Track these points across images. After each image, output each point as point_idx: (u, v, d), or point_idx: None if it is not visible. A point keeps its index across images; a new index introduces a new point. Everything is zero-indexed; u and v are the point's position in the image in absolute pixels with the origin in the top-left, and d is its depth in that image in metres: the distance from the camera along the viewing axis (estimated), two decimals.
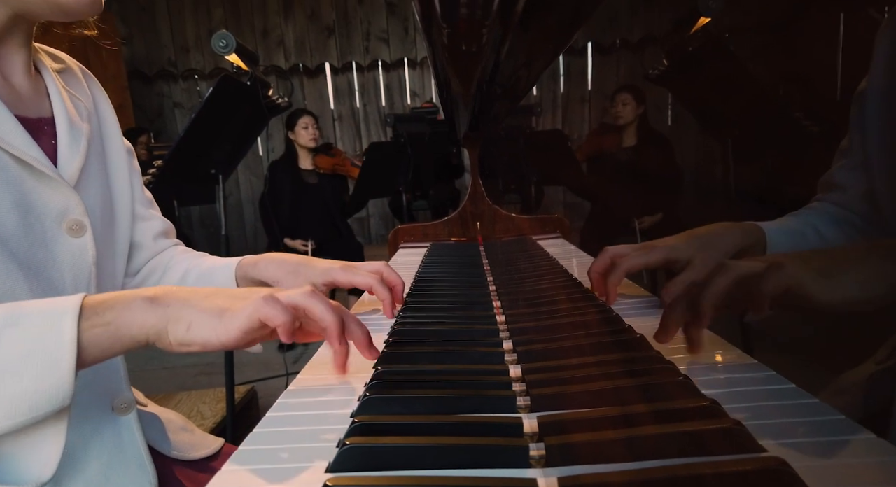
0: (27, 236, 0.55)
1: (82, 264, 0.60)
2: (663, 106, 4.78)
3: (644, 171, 2.80)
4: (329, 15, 4.92)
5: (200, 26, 4.86)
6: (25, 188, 0.55)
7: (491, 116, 1.27)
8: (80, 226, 0.60)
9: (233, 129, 1.79)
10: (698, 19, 1.74)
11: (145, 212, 0.77)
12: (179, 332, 0.44)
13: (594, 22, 4.55)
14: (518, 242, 1.33)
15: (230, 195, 4.96)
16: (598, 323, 0.60)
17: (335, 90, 5.06)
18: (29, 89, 0.61)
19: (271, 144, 4.64)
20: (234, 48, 1.58)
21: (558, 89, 5.02)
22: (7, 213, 0.53)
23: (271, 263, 0.72)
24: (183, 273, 0.76)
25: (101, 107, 0.71)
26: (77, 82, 0.69)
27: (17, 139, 0.55)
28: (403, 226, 1.46)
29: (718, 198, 3.87)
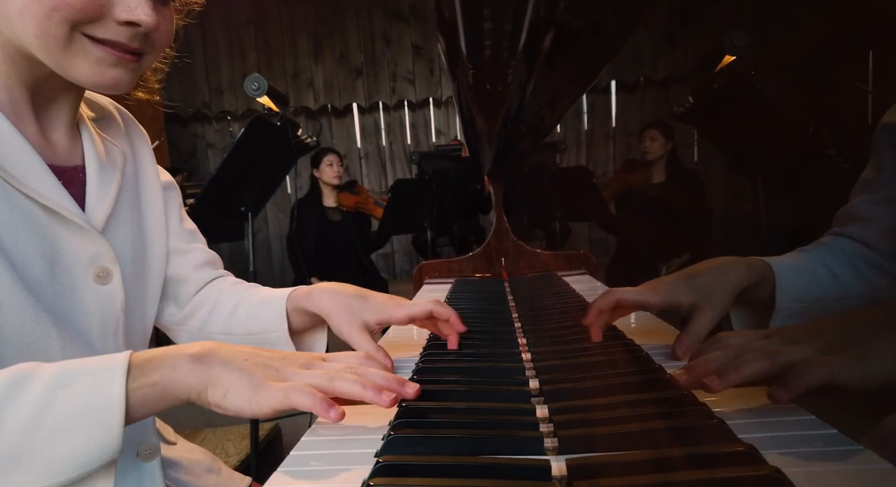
0: (53, 285, 0.56)
1: (110, 311, 0.61)
2: (689, 142, 4.76)
3: (673, 208, 2.77)
4: (357, 57, 5.07)
5: (234, 70, 5.05)
6: (54, 237, 0.56)
7: (515, 153, 1.28)
8: (106, 274, 0.60)
9: (263, 168, 1.83)
10: (723, 57, 1.75)
11: (184, 246, 0.76)
12: (217, 397, 0.45)
13: (618, 60, 4.60)
14: (543, 278, 1.32)
15: (259, 232, 5.06)
16: (627, 362, 0.59)
17: (362, 129, 5.17)
18: (66, 140, 0.62)
19: (299, 182, 4.74)
20: (266, 90, 1.63)
21: (582, 126, 5.06)
22: (35, 263, 0.54)
23: (325, 295, 0.70)
24: (233, 306, 0.75)
25: (139, 148, 0.73)
26: (115, 127, 0.70)
27: (48, 189, 0.55)
28: (428, 262, 1.46)
29: (749, 236, 3.80)
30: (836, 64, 3.68)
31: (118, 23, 0.52)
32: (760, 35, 2.69)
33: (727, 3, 4.14)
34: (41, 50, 0.52)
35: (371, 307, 0.69)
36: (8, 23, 0.51)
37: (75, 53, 0.52)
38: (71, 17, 0.50)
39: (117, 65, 0.54)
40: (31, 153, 0.55)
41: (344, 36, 5.05)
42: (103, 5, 0.51)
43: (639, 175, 3.01)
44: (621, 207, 3.13)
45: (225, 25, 5.02)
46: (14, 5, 0.49)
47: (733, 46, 1.65)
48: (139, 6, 0.52)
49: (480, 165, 1.39)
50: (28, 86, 0.57)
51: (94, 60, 0.53)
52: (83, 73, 0.54)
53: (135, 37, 0.54)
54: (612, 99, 4.99)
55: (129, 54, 0.55)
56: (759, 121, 1.98)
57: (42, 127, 0.60)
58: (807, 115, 3.73)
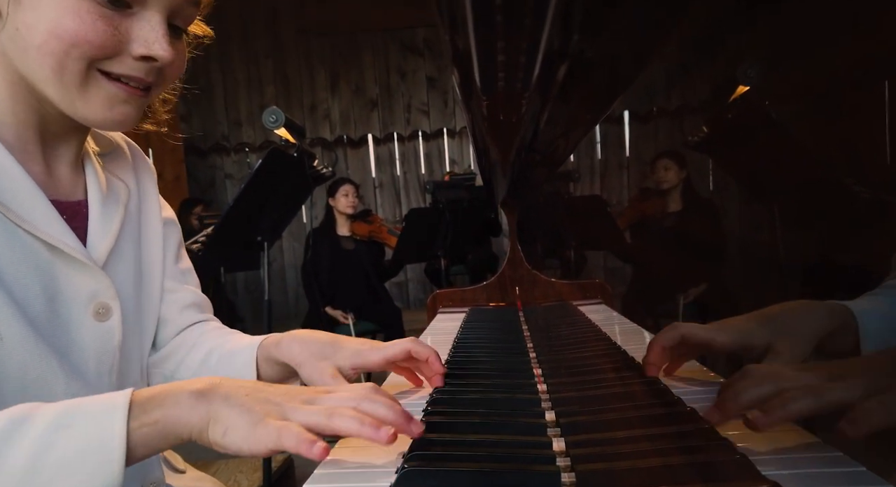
0: (53, 321, 0.55)
1: (107, 348, 0.60)
2: (704, 171, 4.75)
3: (689, 236, 2.75)
4: (373, 89, 5.17)
5: (253, 102, 5.17)
6: (55, 272, 0.56)
7: (529, 183, 1.28)
8: (106, 310, 0.60)
9: (279, 198, 1.86)
10: (737, 87, 1.76)
11: (174, 285, 0.74)
12: (216, 435, 0.44)
13: (630, 90, 4.64)
14: (558, 308, 1.31)
15: (274, 261, 5.10)
16: (645, 394, 0.57)
17: (377, 159, 5.24)
18: (70, 175, 0.62)
19: (315, 212, 4.79)
20: (283, 122, 1.67)
21: (596, 156, 5.08)
22: (36, 299, 0.54)
23: (294, 343, 0.67)
24: (206, 353, 0.72)
25: (144, 183, 0.72)
26: (122, 160, 0.70)
27: (50, 225, 0.55)
28: (442, 291, 1.46)
29: (766, 266, 3.75)
30: (852, 93, 3.67)
31: (134, 58, 0.53)
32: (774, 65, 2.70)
33: (739, 34, 4.18)
34: (56, 87, 0.52)
35: (344, 351, 0.65)
36: (25, 59, 0.51)
37: (90, 90, 0.53)
38: (90, 54, 0.51)
39: (127, 101, 0.55)
40: (35, 190, 0.55)
41: (360, 69, 5.17)
42: (121, 41, 0.52)
43: (654, 203, 3.00)
44: (637, 236, 3.12)
45: (244, 60, 5.16)
46: (33, 40, 0.50)
47: (746, 76, 1.66)
48: (156, 41, 0.53)
49: (494, 194, 1.39)
50: (36, 125, 0.57)
51: (107, 97, 0.54)
52: (93, 111, 0.54)
53: (150, 71, 0.55)
54: (626, 128, 5.02)
55: (139, 90, 0.55)
56: (775, 150, 1.97)
57: (47, 163, 0.60)
58: (823, 144, 3.71)
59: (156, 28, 0.53)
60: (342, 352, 0.65)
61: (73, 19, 0.49)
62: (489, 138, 0.75)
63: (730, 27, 3.82)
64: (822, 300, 0.64)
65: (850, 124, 3.63)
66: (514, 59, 0.41)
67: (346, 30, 5.04)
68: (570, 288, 1.43)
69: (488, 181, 1.38)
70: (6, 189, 0.53)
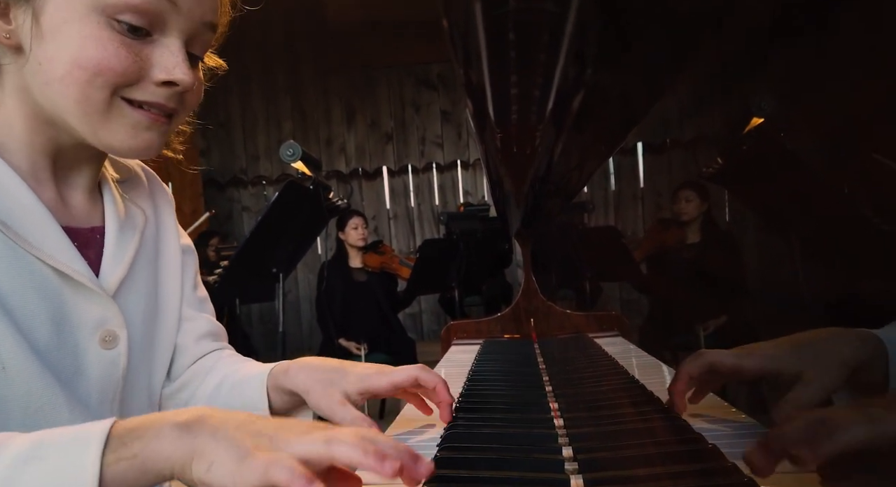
0: (59, 348, 0.55)
1: (111, 377, 0.59)
2: (720, 203, 4.71)
3: (709, 269, 2.71)
4: (388, 123, 5.26)
5: (271, 137, 5.28)
6: (63, 299, 0.56)
7: (543, 213, 1.28)
8: (113, 338, 0.59)
9: (295, 230, 1.88)
10: (751, 119, 1.76)
11: (192, 314, 0.74)
12: (200, 471, 0.40)
13: (644, 122, 4.66)
14: (574, 340, 1.29)
15: (289, 292, 5.11)
16: (665, 430, 0.56)
17: (391, 191, 5.29)
18: (85, 202, 0.62)
19: (329, 243, 4.82)
20: (300, 156, 1.70)
21: (609, 187, 5.08)
22: (42, 326, 0.54)
23: (301, 371, 0.66)
24: (219, 382, 0.71)
25: (162, 210, 0.72)
26: (140, 188, 0.70)
27: (60, 252, 0.55)
28: (456, 323, 1.45)
29: (788, 299, 3.68)
30: (870, 125, 3.64)
31: (156, 84, 0.54)
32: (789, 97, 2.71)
33: (752, 66, 4.19)
34: (79, 116, 0.53)
35: (351, 377, 0.64)
36: (46, 90, 0.52)
37: (113, 118, 0.54)
38: (113, 81, 0.52)
39: (151, 128, 0.56)
40: (47, 216, 0.55)
41: (376, 104, 5.27)
42: (143, 68, 0.53)
43: (673, 234, 2.97)
44: (654, 267, 3.08)
45: (263, 96, 5.29)
46: (56, 72, 0.51)
47: (761, 109, 1.66)
48: (176, 66, 0.54)
49: (508, 225, 1.40)
50: (50, 153, 0.58)
51: (130, 124, 0.54)
52: (118, 139, 0.55)
53: (172, 97, 0.55)
54: (639, 160, 5.03)
55: (162, 116, 0.56)
56: (793, 182, 1.95)
57: (61, 190, 0.60)
58: (843, 177, 3.67)
59: (175, 53, 0.54)
60: (349, 378, 0.64)
61: (95, 48, 0.50)
62: (503, 170, 0.75)
63: (742, 59, 3.85)
64: None
65: (870, 156, 3.59)
66: (527, 92, 0.41)
67: (362, 66, 5.17)
68: (585, 320, 1.41)
69: (502, 212, 1.38)
70: (17, 215, 0.53)
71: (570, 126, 0.49)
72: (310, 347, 4.78)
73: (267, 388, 0.68)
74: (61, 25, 0.50)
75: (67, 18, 0.50)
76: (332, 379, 0.64)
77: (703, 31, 0.35)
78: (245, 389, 0.69)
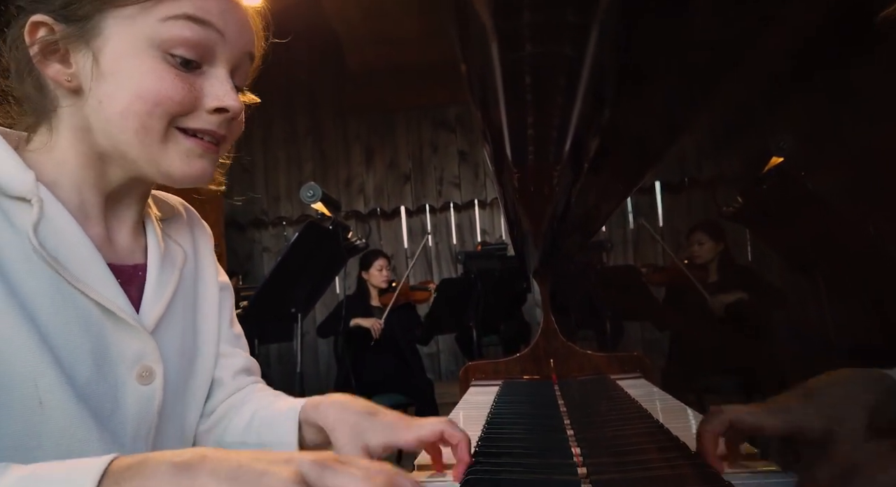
0: (98, 383, 0.55)
1: (146, 413, 0.59)
2: (741, 242, 4.65)
3: (728, 310, 2.65)
4: (406, 164, 5.34)
5: (292, 178, 5.38)
6: (104, 334, 0.57)
7: (561, 252, 1.28)
8: (149, 374, 0.60)
9: (314, 270, 1.89)
10: (770, 159, 1.75)
11: (228, 350, 0.75)
12: None
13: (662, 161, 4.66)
14: (596, 382, 1.27)
15: (306, 332, 5.10)
16: (693, 478, 0.54)
17: (409, 230, 5.33)
18: (129, 239, 0.64)
19: (348, 283, 4.84)
20: (320, 197, 1.72)
21: (628, 226, 5.05)
22: (83, 361, 0.54)
23: (332, 407, 0.66)
24: (251, 416, 0.71)
25: (201, 247, 0.74)
26: (181, 225, 0.72)
27: (104, 287, 0.57)
28: (474, 363, 1.43)
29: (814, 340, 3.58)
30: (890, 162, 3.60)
31: (208, 112, 0.57)
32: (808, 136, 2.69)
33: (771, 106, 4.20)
34: (138, 147, 0.56)
35: (378, 427, 0.63)
36: (106, 126, 0.55)
37: (169, 147, 0.57)
38: (171, 111, 0.55)
39: (203, 155, 0.58)
40: (93, 251, 0.57)
41: (394, 145, 5.36)
42: (196, 98, 0.56)
43: (693, 274, 2.92)
44: (673, 308, 3.03)
45: (285, 139, 5.42)
46: (117, 107, 0.54)
47: (779, 148, 1.66)
48: (226, 94, 0.57)
49: (526, 264, 1.39)
50: (100, 191, 0.60)
51: (185, 152, 0.57)
52: (174, 167, 0.57)
53: (222, 123, 0.59)
54: (658, 199, 5.01)
55: (213, 144, 0.59)
56: (815, 221, 1.92)
57: (108, 227, 0.62)
58: (866, 215, 3.60)
59: (224, 82, 0.58)
60: (375, 428, 0.63)
61: (153, 80, 0.54)
62: (521, 209, 0.75)
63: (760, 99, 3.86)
64: None
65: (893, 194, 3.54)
66: (544, 133, 0.42)
67: (380, 109, 5.29)
68: (607, 361, 1.38)
69: (520, 251, 1.38)
70: (65, 250, 0.55)
71: (588, 166, 0.50)
72: (327, 387, 4.73)
73: (299, 423, 0.69)
74: (120, 63, 0.54)
75: (125, 56, 0.54)
76: (360, 424, 0.63)
77: (720, 71, 0.35)
78: (276, 424, 0.69)
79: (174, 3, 0.54)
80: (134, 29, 0.54)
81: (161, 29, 0.54)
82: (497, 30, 0.28)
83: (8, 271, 0.51)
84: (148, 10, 0.54)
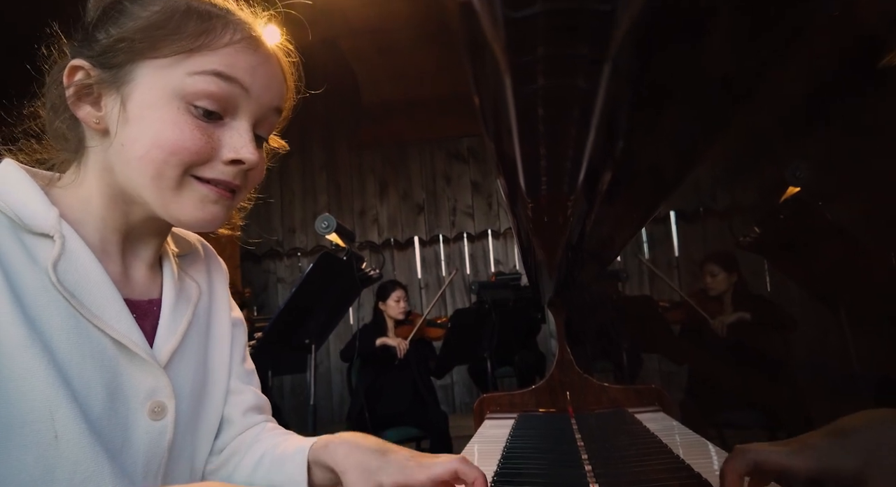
0: (110, 417, 0.56)
1: (157, 448, 0.59)
2: (760, 272, 4.57)
3: (746, 343, 2.60)
4: (419, 195, 5.39)
5: (307, 210, 5.45)
6: (118, 369, 0.57)
7: (576, 283, 1.27)
8: (161, 409, 0.60)
9: (328, 300, 1.89)
10: (787, 188, 1.74)
11: (240, 386, 0.74)
12: None
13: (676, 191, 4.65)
14: (614, 416, 1.24)
15: (320, 364, 5.08)
16: None
17: (422, 260, 5.33)
18: (146, 275, 0.65)
19: (361, 314, 4.83)
20: (335, 228, 1.74)
21: (643, 256, 5.02)
22: (96, 395, 0.55)
23: (340, 447, 0.65)
24: (260, 456, 0.71)
25: (216, 284, 0.75)
26: (198, 262, 0.73)
27: (120, 323, 0.58)
28: (489, 396, 1.40)
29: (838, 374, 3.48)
30: None
31: (224, 163, 0.59)
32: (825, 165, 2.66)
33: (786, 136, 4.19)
34: (153, 191, 0.57)
35: (390, 466, 0.62)
36: (126, 168, 0.57)
37: (183, 193, 0.58)
38: (186, 160, 0.56)
39: (217, 202, 0.59)
40: (111, 288, 0.58)
41: (408, 176, 5.42)
42: (213, 148, 0.58)
43: (709, 307, 2.88)
44: (690, 340, 2.98)
45: (301, 172, 5.51)
46: (137, 151, 0.56)
47: (796, 178, 1.65)
48: (244, 147, 0.59)
49: (540, 295, 1.38)
50: (120, 229, 0.62)
51: (199, 198, 0.58)
52: (186, 211, 0.58)
53: (237, 174, 0.60)
54: (673, 228, 4.98)
55: (227, 192, 0.60)
56: (836, 251, 1.89)
57: (125, 263, 0.63)
58: (889, 244, 3.54)
59: (243, 135, 0.59)
60: (388, 468, 0.61)
61: (173, 131, 0.55)
62: (535, 239, 0.75)
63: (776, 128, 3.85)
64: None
65: None
66: (558, 164, 0.42)
67: (394, 142, 5.36)
68: (624, 394, 1.35)
69: (534, 281, 1.37)
70: (84, 286, 0.56)
71: (602, 196, 0.50)
72: (340, 420, 4.69)
73: (308, 463, 0.67)
74: (145, 110, 0.56)
75: (151, 104, 0.56)
76: (371, 464, 0.62)
77: (734, 102, 0.36)
78: (286, 465, 0.68)
79: (204, 57, 0.56)
80: (163, 79, 0.56)
81: (188, 81, 0.56)
82: (511, 64, 0.29)
83: (28, 305, 0.52)
84: (178, 63, 0.56)
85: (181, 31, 0.56)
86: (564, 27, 0.26)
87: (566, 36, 0.27)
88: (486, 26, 0.26)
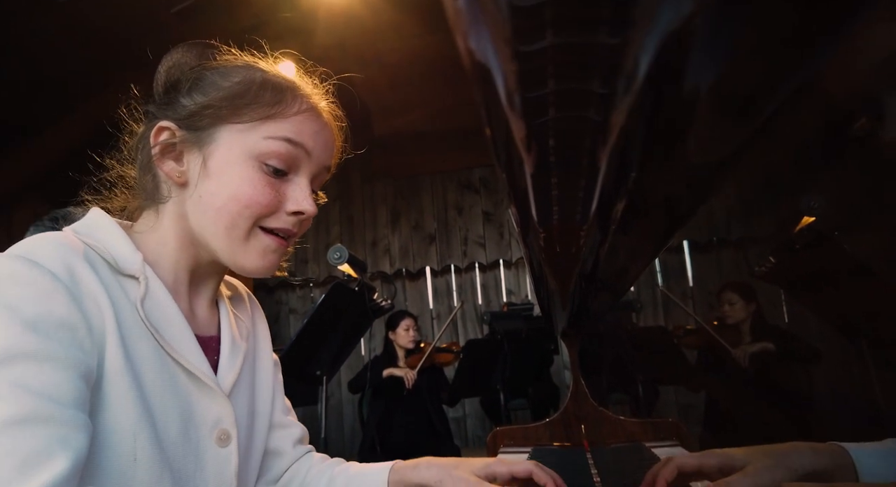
0: (184, 445, 0.60)
1: (224, 474, 0.64)
2: (776, 302, 4.50)
3: (763, 374, 2.54)
4: (431, 225, 5.40)
5: (319, 241, 5.48)
6: (191, 399, 0.62)
7: (589, 313, 1.26)
8: (227, 436, 0.65)
9: (339, 331, 1.89)
10: (801, 219, 1.73)
11: (286, 420, 0.82)
12: None
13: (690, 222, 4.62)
14: (631, 450, 1.21)
15: (332, 396, 5.04)
16: None
17: (434, 291, 5.31)
18: (207, 313, 0.71)
19: (373, 344, 4.81)
20: (347, 259, 1.74)
21: (657, 286, 4.97)
22: (173, 423, 0.59)
23: (431, 466, 0.74)
24: (328, 481, 0.78)
25: (258, 326, 0.82)
26: (242, 305, 0.80)
27: (193, 355, 0.63)
28: (502, 429, 1.38)
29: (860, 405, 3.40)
30: None
31: (288, 214, 0.66)
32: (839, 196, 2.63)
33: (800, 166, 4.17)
34: (224, 240, 0.64)
35: (476, 464, 0.72)
36: (202, 219, 0.64)
37: (250, 243, 0.65)
38: (257, 213, 0.63)
39: (276, 250, 0.67)
40: (184, 323, 0.63)
41: (420, 207, 5.45)
42: (280, 202, 0.65)
43: (725, 336, 2.83)
44: (707, 370, 2.92)
45: None
46: (215, 203, 0.63)
47: (811, 208, 1.64)
48: (305, 199, 0.66)
49: (553, 325, 1.36)
50: (190, 269, 0.68)
51: (263, 248, 0.65)
52: (250, 259, 0.65)
53: (296, 223, 0.67)
54: (686, 258, 4.94)
55: (284, 240, 0.67)
56: (853, 281, 1.86)
57: (191, 302, 0.69)
58: None
59: (304, 189, 0.67)
60: (473, 465, 0.72)
61: (248, 186, 0.63)
62: (547, 270, 0.75)
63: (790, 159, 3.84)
64: None
65: None
66: (570, 195, 0.42)
67: (406, 173, 5.42)
68: (641, 428, 1.32)
69: (547, 311, 1.36)
70: (163, 322, 0.61)
71: (615, 227, 0.50)
72: (351, 452, 4.62)
73: (388, 483, 0.75)
74: (224, 167, 0.63)
75: (230, 162, 0.63)
76: (460, 466, 0.73)
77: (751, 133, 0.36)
78: (365, 481, 0.76)
79: (277, 124, 0.64)
80: (241, 141, 0.63)
81: (262, 144, 0.63)
82: (523, 99, 0.29)
83: (126, 337, 0.57)
84: (255, 128, 0.64)
85: (259, 100, 0.64)
86: (576, 63, 0.27)
87: (577, 71, 0.27)
88: (495, 59, 0.27)
